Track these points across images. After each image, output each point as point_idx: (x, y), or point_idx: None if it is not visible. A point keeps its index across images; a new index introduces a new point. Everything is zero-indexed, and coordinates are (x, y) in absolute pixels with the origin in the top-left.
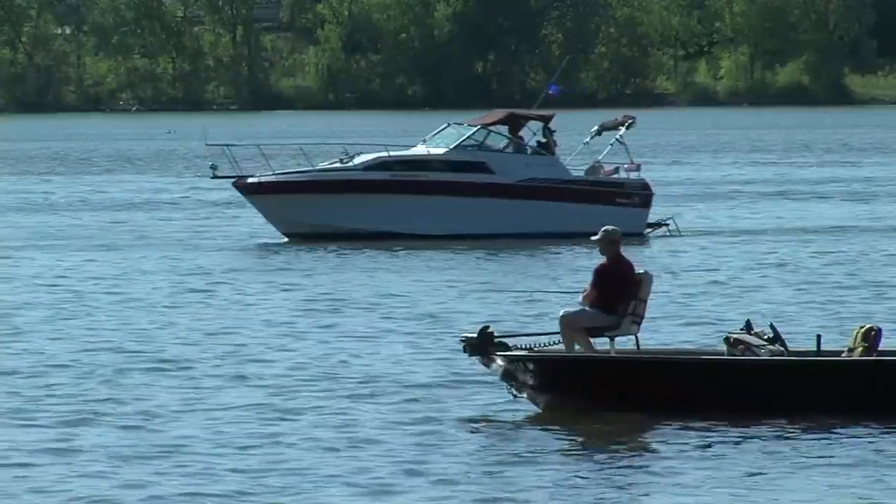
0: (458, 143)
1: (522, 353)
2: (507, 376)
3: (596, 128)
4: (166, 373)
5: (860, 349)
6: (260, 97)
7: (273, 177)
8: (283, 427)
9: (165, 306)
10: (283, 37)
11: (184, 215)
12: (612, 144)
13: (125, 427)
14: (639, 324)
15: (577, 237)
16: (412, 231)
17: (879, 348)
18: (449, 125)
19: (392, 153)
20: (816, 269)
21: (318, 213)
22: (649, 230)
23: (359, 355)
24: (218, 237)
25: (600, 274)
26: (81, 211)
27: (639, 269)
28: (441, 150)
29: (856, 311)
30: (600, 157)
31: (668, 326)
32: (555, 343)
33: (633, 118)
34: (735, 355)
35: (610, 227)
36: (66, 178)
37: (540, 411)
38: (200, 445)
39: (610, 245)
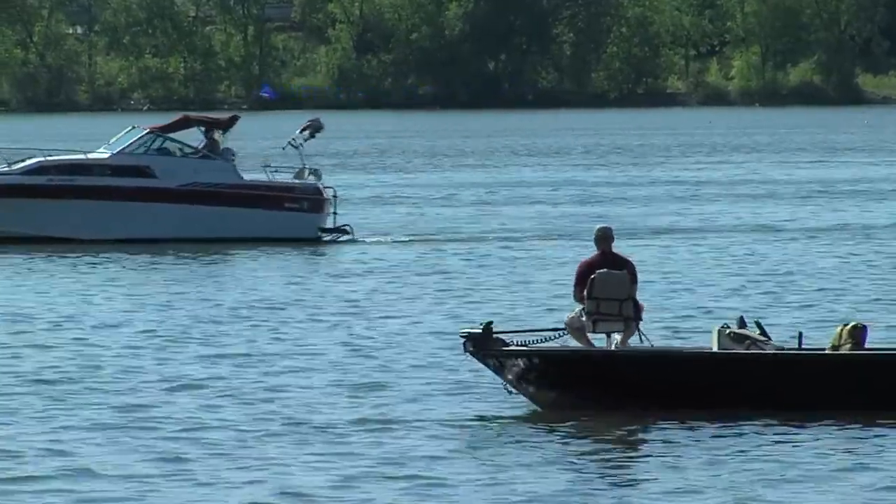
0: (122, 147)
1: (523, 348)
2: (505, 372)
3: (307, 132)
4: None
5: (848, 346)
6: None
7: None
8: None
9: None
10: (295, 36)
11: None
12: (283, 149)
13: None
14: (605, 321)
15: (244, 241)
16: (73, 235)
17: (866, 345)
18: (134, 128)
19: (50, 157)
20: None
21: None
22: (328, 235)
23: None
24: None
25: (576, 272)
26: None
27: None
28: (105, 155)
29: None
30: (272, 163)
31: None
32: (551, 339)
33: (312, 122)
34: (732, 350)
35: (600, 225)
36: None
37: (537, 407)
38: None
39: (597, 243)
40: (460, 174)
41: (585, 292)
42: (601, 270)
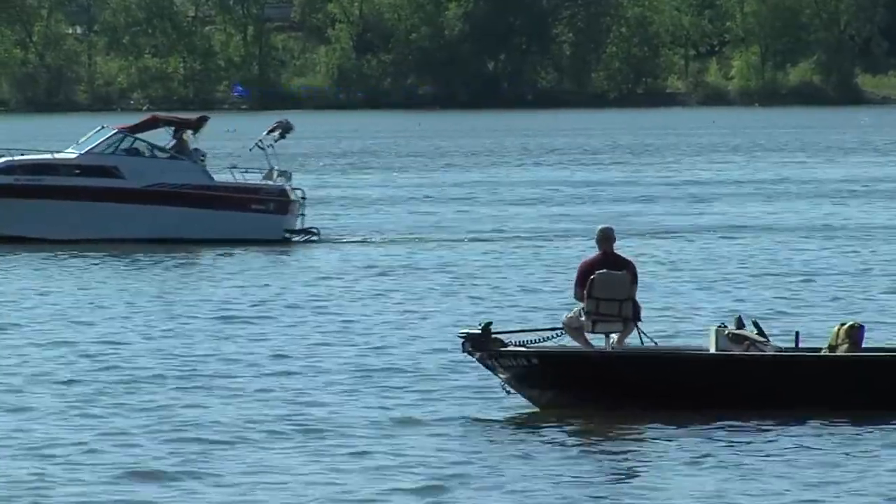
0: (90, 147)
1: (522, 348)
2: (504, 372)
3: (277, 133)
4: None
5: (845, 346)
6: (270, 97)
7: None
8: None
9: None
10: (294, 36)
11: None
12: (251, 150)
13: None
14: (604, 322)
15: (208, 242)
16: (39, 235)
17: (863, 345)
18: (103, 127)
19: (17, 157)
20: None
21: None
22: (295, 237)
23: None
24: None
25: (577, 271)
26: None
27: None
28: (73, 155)
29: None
30: (237, 164)
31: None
32: (549, 339)
33: (280, 122)
34: (731, 351)
35: (602, 226)
36: None
37: (535, 408)
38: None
39: (598, 243)
40: (449, 174)
41: (585, 292)
42: (601, 271)
